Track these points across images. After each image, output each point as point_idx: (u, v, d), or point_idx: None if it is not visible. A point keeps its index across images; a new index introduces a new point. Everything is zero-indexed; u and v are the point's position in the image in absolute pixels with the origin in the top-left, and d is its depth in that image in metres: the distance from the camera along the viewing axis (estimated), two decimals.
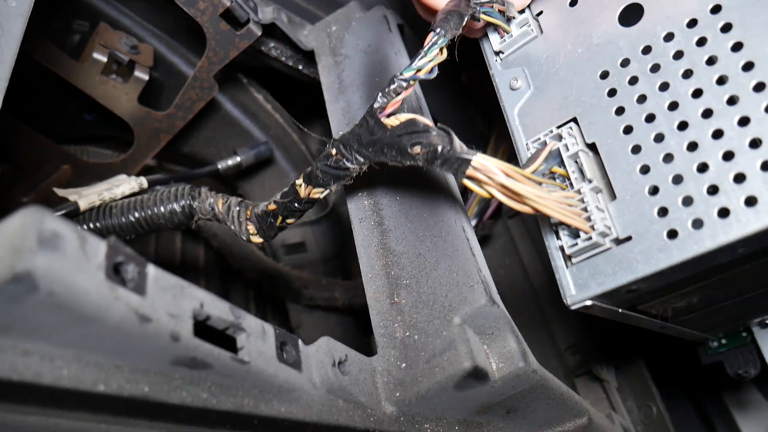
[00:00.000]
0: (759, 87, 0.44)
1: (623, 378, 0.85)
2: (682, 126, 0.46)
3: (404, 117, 0.49)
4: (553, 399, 0.53)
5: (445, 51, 0.51)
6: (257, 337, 0.40)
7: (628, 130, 0.49)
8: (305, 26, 0.88)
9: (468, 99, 1.09)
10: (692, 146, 0.45)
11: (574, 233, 0.49)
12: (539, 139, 0.54)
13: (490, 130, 1.04)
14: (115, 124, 0.85)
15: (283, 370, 0.41)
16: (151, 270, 0.34)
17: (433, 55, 0.50)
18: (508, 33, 0.59)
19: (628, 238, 0.47)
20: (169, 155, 1.01)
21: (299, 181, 0.57)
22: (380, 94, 0.50)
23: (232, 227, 0.66)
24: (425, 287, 0.51)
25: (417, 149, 0.47)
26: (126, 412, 0.35)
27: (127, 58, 0.79)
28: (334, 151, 0.53)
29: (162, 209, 0.69)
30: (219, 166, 0.90)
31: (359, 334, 1.11)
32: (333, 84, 0.74)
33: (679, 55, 0.48)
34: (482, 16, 0.56)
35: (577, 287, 0.49)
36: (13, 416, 0.32)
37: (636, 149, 0.48)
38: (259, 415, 0.40)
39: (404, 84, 0.50)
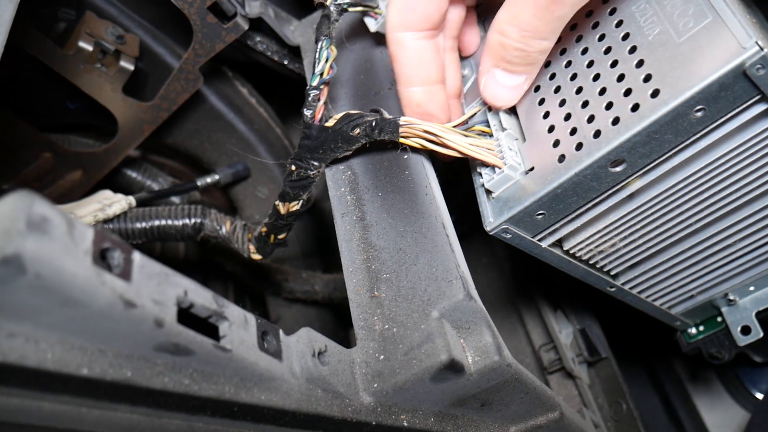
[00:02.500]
0: (625, 36, 0.54)
1: (595, 375, 0.87)
2: (573, 77, 0.56)
3: (338, 115, 0.59)
4: (527, 393, 0.54)
5: (334, 49, 0.59)
6: (239, 326, 0.41)
7: (537, 88, 0.59)
8: (292, 22, 0.88)
9: None
10: (578, 90, 0.55)
11: (493, 171, 0.57)
12: (473, 105, 0.64)
13: None
14: (99, 113, 0.85)
15: (264, 358, 0.42)
16: (137, 257, 0.35)
17: (325, 57, 0.59)
18: (380, 14, 0.68)
19: (532, 169, 0.56)
20: (152, 146, 1.01)
21: (277, 202, 0.65)
22: (305, 109, 0.58)
23: (235, 246, 0.75)
24: (405, 281, 0.53)
25: (357, 130, 0.58)
26: (108, 396, 0.36)
27: (112, 48, 0.79)
28: (293, 168, 0.61)
29: (176, 222, 0.79)
30: (198, 183, 0.94)
31: (338, 327, 1.12)
32: None
33: (579, 38, 0.58)
34: (350, 9, 0.64)
35: (494, 215, 0.57)
36: None
37: (541, 101, 0.58)
38: (240, 402, 0.40)
39: (318, 91, 0.58)
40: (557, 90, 0.57)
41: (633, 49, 0.52)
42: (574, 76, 0.57)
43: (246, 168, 0.98)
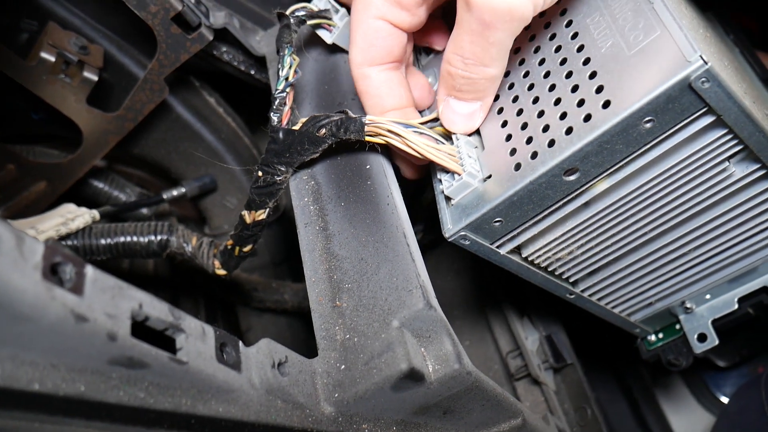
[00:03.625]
0: (580, 48, 0.55)
1: (561, 381, 0.88)
2: (531, 87, 0.58)
3: (304, 119, 0.60)
4: (488, 400, 0.55)
5: (296, 57, 0.62)
6: (197, 337, 0.41)
7: (496, 98, 0.60)
8: (258, 32, 0.89)
9: None
10: (535, 100, 0.57)
11: (453, 177, 0.58)
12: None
13: None
14: (63, 124, 0.84)
15: (222, 370, 0.42)
16: (90, 271, 0.35)
17: (288, 63, 0.61)
18: (334, 27, 0.70)
19: (489, 176, 0.57)
20: (119, 157, 1.01)
21: (243, 211, 0.65)
22: (271, 113, 0.59)
23: (201, 262, 0.75)
24: (366, 291, 0.53)
25: (323, 131, 0.59)
26: (62, 411, 0.36)
27: (76, 59, 0.78)
28: (260, 173, 0.61)
29: (141, 239, 0.77)
30: (164, 196, 0.94)
31: (308, 336, 1.11)
32: None
33: (537, 49, 0.60)
34: (308, 21, 0.67)
35: (453, 221, 0.58)
36: None
37: (500, 110, 0.59)
38: (197, 414, 0.40)
39: (284, 95, 0.59)
40: (515, 99, 0.59)
41: (587, 61, 0.54)
42: (531, 86, 0.58)
43: (213, 180, 0.98)
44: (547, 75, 0.57)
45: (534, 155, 0.54)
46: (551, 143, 0.53)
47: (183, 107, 0.93)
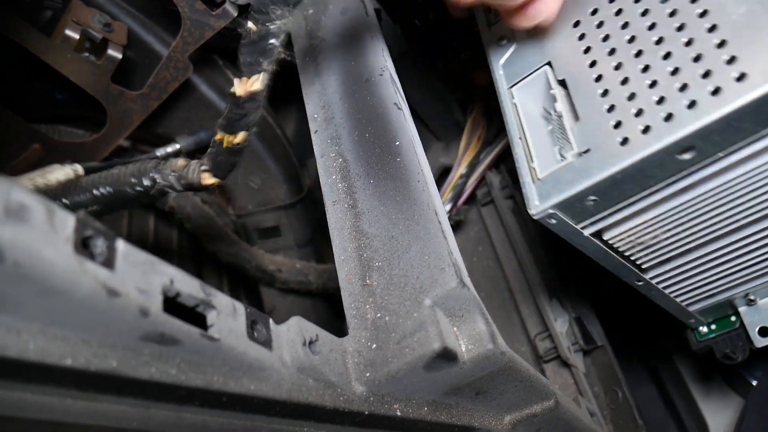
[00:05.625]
0: (703, 13, 0.52)
1: (591, 364, 0.87)
2: (638, 54, 0.54)
3: None
4: (521, 381, 0.54)
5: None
6: (228, 314, 0.40)
7: (592, 64, 0.57)
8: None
9: (444, 87, 1.09)
10: (645, 68, 0.53)
11: (538, 151, 0.55)
12: (517, 83, 0.63)
13: (465, 117, 1.05)
14: (88, 103, 0.84)
15: (254, 348, 0.41)
16: (121, 245, 0.34)
17: None
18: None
19: (587, 151, 0.53)
20: (142, 136, 1.00)
21: (234, 85, 0.55)
22: None
23: (191, 180, 0.64)
24: (397, 269, 0.52)
25: None
26: (93, 387, 0.35)
27: (100, 36, 0.78)
28: (251, 25, 0.51)
29: (127, 183, 0.67)
30: (158, 153, 0.89)
31: (332, 318, 1.11)
32: (309, 67, 0.73)
33: (645, 12, 0.56)
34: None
35: (541, 198, 0.54)
36: None
37: (599, 78, 0.56)
38: (229, 392, 0.40)
39: None
40: (618, 67, 0.55)
41: (713, 28, 0.49)
42: (639, 53, 0.54)
43: (208, 134, 0.90)
44: (659, 41, 0.53)
45: (646, 129, 0.50)
46: (669, 117, 0.49)
47: (207, 86, 0.93)
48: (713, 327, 0.75)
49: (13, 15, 0.74)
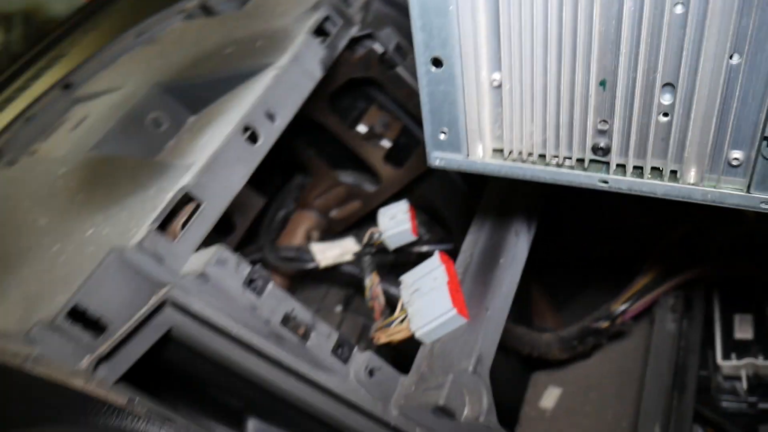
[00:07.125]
0: None
1: None
2: None
3: None
4: None
5: None
6: (323, 335, 0.73)
7: None
8: None
9: None
10: None
11: None
12: None
13: None
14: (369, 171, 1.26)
15: (331, 359, 0.73)
16: (270, 285, 0.70)
17: None
18: None
19: None
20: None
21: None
22: None
23: None
24: (448, 346, 0.78)
25: None
26: (249, 349, 0.72)
27: (379, 132, 1.17)
28: None
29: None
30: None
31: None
32: None
33: None
34: None
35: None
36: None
37: None
38: (307, 377, 0.73)
39: None
40: None
41: None
42: None
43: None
44: None
45: None
46: None
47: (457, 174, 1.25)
48: None
49: (333, 113, 1.18)
